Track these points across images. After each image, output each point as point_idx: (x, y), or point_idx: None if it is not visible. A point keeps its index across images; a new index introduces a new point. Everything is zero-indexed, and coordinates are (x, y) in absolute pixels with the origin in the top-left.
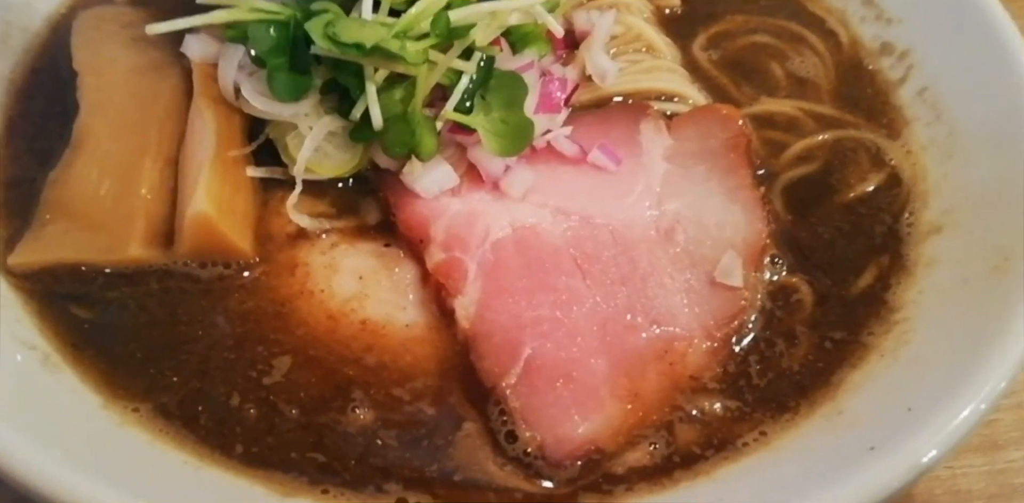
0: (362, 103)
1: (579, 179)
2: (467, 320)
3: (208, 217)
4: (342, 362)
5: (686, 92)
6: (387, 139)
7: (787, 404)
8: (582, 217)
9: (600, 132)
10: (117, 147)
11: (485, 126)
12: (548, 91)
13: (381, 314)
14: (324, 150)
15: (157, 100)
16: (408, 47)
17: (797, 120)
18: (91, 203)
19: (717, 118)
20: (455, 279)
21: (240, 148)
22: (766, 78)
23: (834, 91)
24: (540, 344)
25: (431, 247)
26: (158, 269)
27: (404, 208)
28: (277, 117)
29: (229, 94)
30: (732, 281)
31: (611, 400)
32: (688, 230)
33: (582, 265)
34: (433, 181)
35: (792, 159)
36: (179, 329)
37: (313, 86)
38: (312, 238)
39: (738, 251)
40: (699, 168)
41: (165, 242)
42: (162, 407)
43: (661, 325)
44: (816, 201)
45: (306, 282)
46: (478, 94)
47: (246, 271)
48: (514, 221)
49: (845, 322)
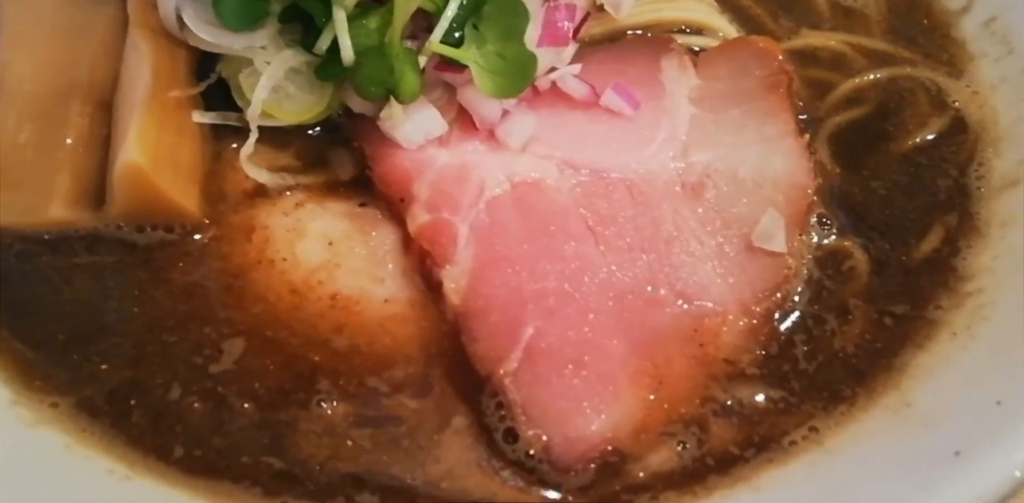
0: (329, 33)
1: (590, 126)
2: (457, 295)
3: (140, 169)
4: (307, 346)
5: (715, 23)
6: (360, 77)
7: (841, 393)
8: (594, 171)
9: (615, 70)
10: (40, 88)
11: (478, 61)
12: (553, 20)
13: (355, 287)
14: (285, 91)
15: (90, 33)
16: None
17: (844, 56)
18: (7, 154)
19: (752, 53)
20: (442, 245)
21: (184, 88)
22: (807, 7)
23: (886, 23)
24: (545, 323)
25: (414, 207)
26: (86, 234)
27: (382, 160)
28: (227, 50)
29: (171, 23)
30: (773, 246)
31: (631, 389)
32: (720, 186)
33: (594, 228)
34: (416, 128)
35: (839, 102)
36: (110, 306)
37: (270, 12)
38: (273, 197)
39: (780, 210)
40: (732, 112)
41: (95, 202)
42: (86, 401)
43: (689, 299)
44: (868, 150)
45: (265, 249)
46: (469, 23)
47: (193, 235)
48: (513, 176)
49: (907, 294)
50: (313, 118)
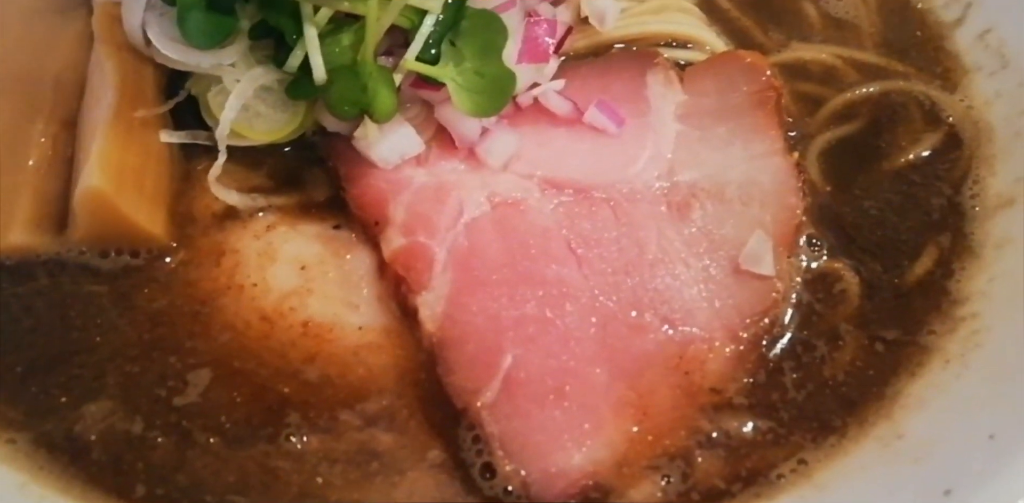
0: (300, 50)
1: (573, 144)
2: (433, 322)
3: (102, 194)
4: (276, 376)
5: (702, 37)
6: (333, 95)
7: (832, 423)
8: (577, 190)
9: (599, 86)
10: (2, 105)
11: (455, 79)
12: (533, 35)
13: (327, 314)
14: (256, 109)
15: (55, 50)
16: None
17: (835, 70)
18: None
19: (740, 68)
20: (418, 271)
21: (151, 107)
22: (797, 20)
23: (878, 35)
24: (524, 351)
25: (388, 230)
26: (48, 259)
27: (356, 181)
28: (194, 68)
29: (137, 40)
30: (761, 269)
31: (614, 421)
32: (706, 206)
33: (577, 250)
34: (392, 147)
35: (830, 117)
36: (71, 336)
37: (239, 29)
38: (244, 219)
39: (768, 232)
40: (719, 129)
41: (57, 226)
42: (44, 437)
43: (674, 324)
44: (860, 168)
45: (234, 274)
46: (446, 39)
47: (160, 260)
48: (494, 196)
49: (900, 318)
50: (285, 137)
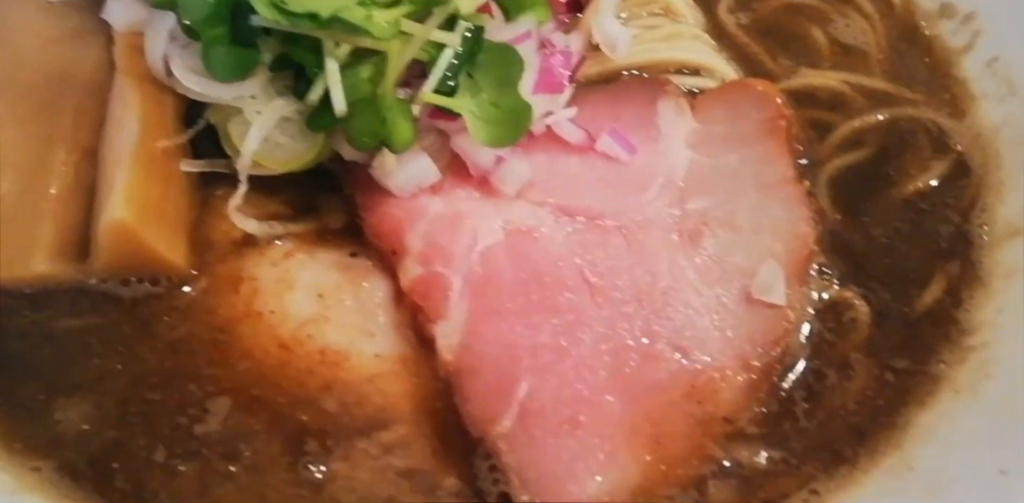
0: (321, 83)
1: (585, 171)
2: (450, 351)
3: (127, 226)
4: (294, 405)
5: (713, 64)
6: (352, 127)
7: (843, 453)
8: (589, 218)
9: (610, 114)
10: (23, 134)
11: (472, 111)
12: (549, 66)
13: (344, 342)
14: (275, 140)
15: (75, 77)
16: (375, 17)
17: (844, 96)
18: None
19: (751, 96)
20: (435, 300)
21: (172, 137)
22: (806, 46)
23: (886, 61)
24: (539, 380)
25: (406, 260)
26: (70, 287)
27: (374, 209)
28: (216, 100)
29: (158, 71)
30: (773, 298)
31: (628, 450)
32: (718, 234)
33: (590, 278)
34: (409, 177)
35: (839, 144)
36: (93, 363)
37: (261, 62)
38: (261, 246)
39: (779, 261)
40: (729, 158)
41: (79, 254)
42: (69, 465)
43: (687, 354)
44: (869, 195)
45: (253, 302)
46: (464, 71)
47: (179, 288)
48: (507, 224)
49: (909, 347)
50: (303, 166)
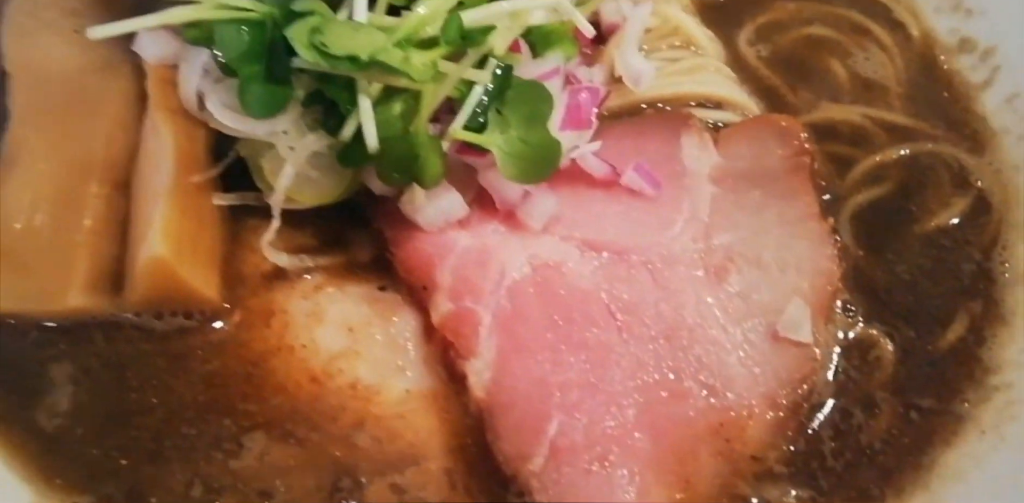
0: (354, 120)
1: (610, 206)
2: (482, 389)
3: (165, 263)
4: (328, 440)
5: (735, 98)
6: (384, 164)
7: (870, 493)
8: (615, 253)
9: (634, 148)
10: (55, 167)
11: (502, 147)
12: (576, 103)
13: (375, 376)
14: (307, 175)
15: (104, 108)
16: (413, 59)
17: (864, 131)
18: (23, 238)
19: (774, 131)
20: (466, 337)
21: (205, 170)
22: (826, 79)
23: (906, 95)
24: (570, 417)
25: (436, 296)
26: (104, 320)
27: (403, 244)
28: (250, 135)
29: (191, 105)
30: (799, 336)
31: (657, 488)
32: (743, 271)
33: (617, 314)
34: (438, 212)
35: (861, 179)
36: (129, 397)
37: (294, 97)
38: (292, 279)
39: (805, 298)
40: (753, 193)
41: (113, 287)
42: (107, 500)
43: (715, 391)
44: (891, 231)
45: (284, 335)
46: (493, 108)
47: (212, 322)
48: (534, 258)
49: (933, 386)
50: (333, 200)
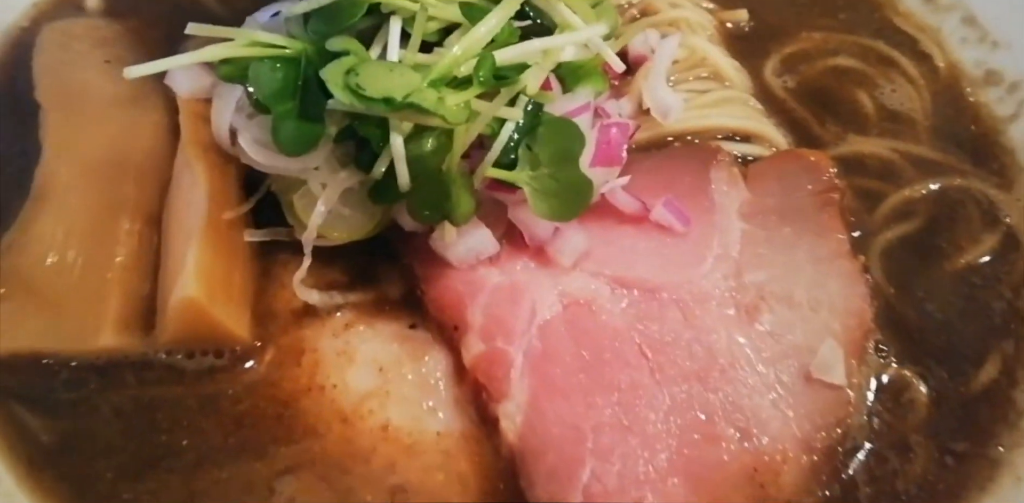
0: (385, 158)
1: (639, 242)
2: (514, 433)
3: (199, 304)
4: (360, 484)
5: (763, 131)
6: (416, 202)
7: None
8: (645, 290)
9: (663, 182)
10: (87, 201)
11: (532, 184)
12: (607, 139)
13: (406, 418)
14: (337, 211)
15: (136, 141)
16: (447, 100)
17: (893, 164)
18: (55, 274)
19: (803, 167)
20: (498, 379)
21: (236, 206)
22: (853, 111)
23: (932, 128)
24: (603, 462)
25: (468, 336)
26: (136, 360)
27: (434, 282)
28: (282, 172)
29: (224, 141)
30: (833, 378)
31: None
32: (775, 310)
33: (648, 353)
34: (469, 249)
35: (890, 214)
36: (160, 439)
37: (326, 134)
38: (322, 316)
39: (838, 339)
40: (784, 230)
41: (144, 325)
42: None
43: (748, 435)
44: (922, 269)
45: (315, 374)
46: (523, 144)
47: (242, 360)
48: (564, 296)
49: (968, 429)
50: (363, 236)
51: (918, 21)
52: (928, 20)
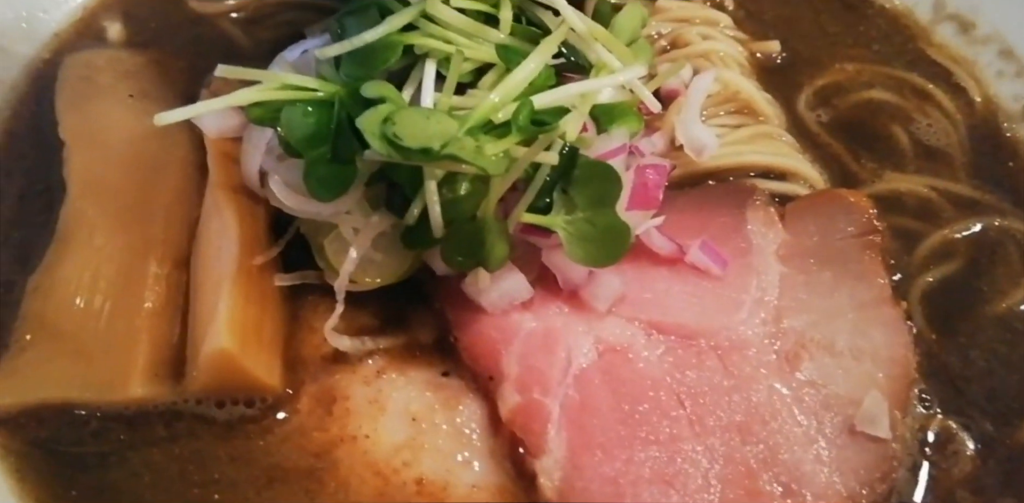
0: (419, 203)
1: (674, 285)
2: (553, 491)
3: (231, 355)
4: None
5: (799, 169)
6: (449, 248)
7: None
8: (682, 337)
9: (698, 222)
10: (114, 243)
11: (568, 229)
12: (643, 182)
13: (440, 471)
14: (369, 256)
15: (163, 179)
16: (486, 149)
17: (931, 203)
18: (83, 321)
19: (842, 208)
20: (536, 433)
21: (266, 249)
22: (888, 146)
23: (970, 164)
24: None
25: (504, 387)
26: (165, 409)
27: (467, 329)
28: (314, 216)
29: (253, 182)
30: (878, 431)
31: None
32: (816, 357)
33: (686, 403)
34: (503, 294)
35: (929, 255)
36: (191, 493)
37: (358, 176)
38: (353, 362)
39: (881, 389)
40: (824, 274)
41: (173, 373)
42: None
43: (792, 491)
44: (963, 313)
45: (346, 424)
46: (559, 188)
47: (273, 410)
48: (599, 342)
49: (1015, 485)
50: (395, 280)
51: (953, 53)
52: (963, 52)
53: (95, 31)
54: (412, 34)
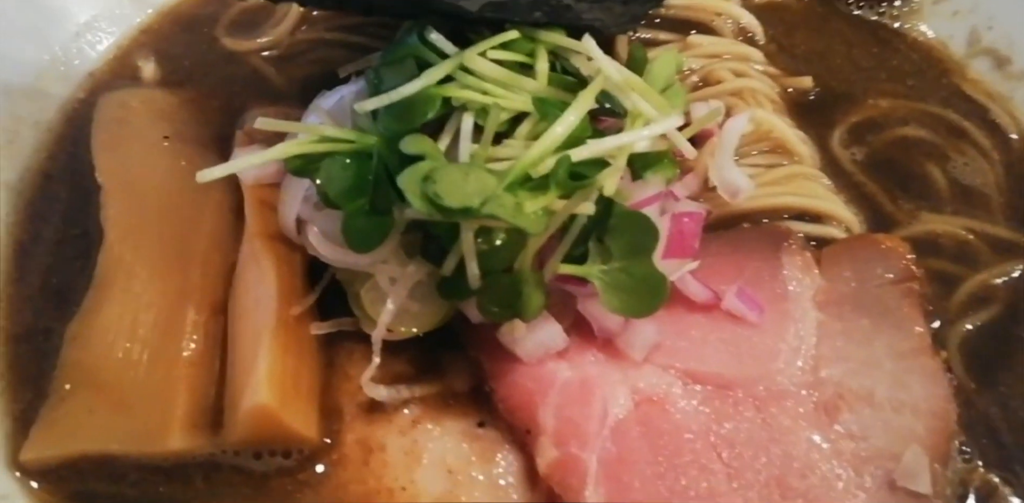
0: (455, 255)
1: (710, 333)
2: None
3: (271, 410)
4: None
5: (835, 212)
6: (486, 299)
7: None
8: (719, 386)
9: (733, 267)
10: (153, 289)
11: (603, 279)
12: (679, 230)
13: None
14: (405, 306)
15: (199, 224)
16: (525, 206)
17: (968, 245)
18: (121, 371)
19: (878, 253)
20: (574, 489)
21: (302, 297)
22: (924, 186)
23: (1007, 205)
24: None
25: (541, 441)
26: (203, 461)
27: (502, 379)
28: (352, 267)
29: (291, 232)
30: (918, 486)
31: None
32: (855, 409)
33: (724, 456)
34: (538, 344)
35: (967, 301)
36: None
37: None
38: (389, 411)
39: (921, 443)
40: (862, 322)
41: (211, 422)
42: None
43: None
44: (1003, 361)
45: (383, 476)
46: (594, 237)
47: (310, 461)
48: (636, 392)
49: None
50: (430, 328)
51: (988, 88)
52: (999, 87)
53: (130, 70)
54: (449, 86)
